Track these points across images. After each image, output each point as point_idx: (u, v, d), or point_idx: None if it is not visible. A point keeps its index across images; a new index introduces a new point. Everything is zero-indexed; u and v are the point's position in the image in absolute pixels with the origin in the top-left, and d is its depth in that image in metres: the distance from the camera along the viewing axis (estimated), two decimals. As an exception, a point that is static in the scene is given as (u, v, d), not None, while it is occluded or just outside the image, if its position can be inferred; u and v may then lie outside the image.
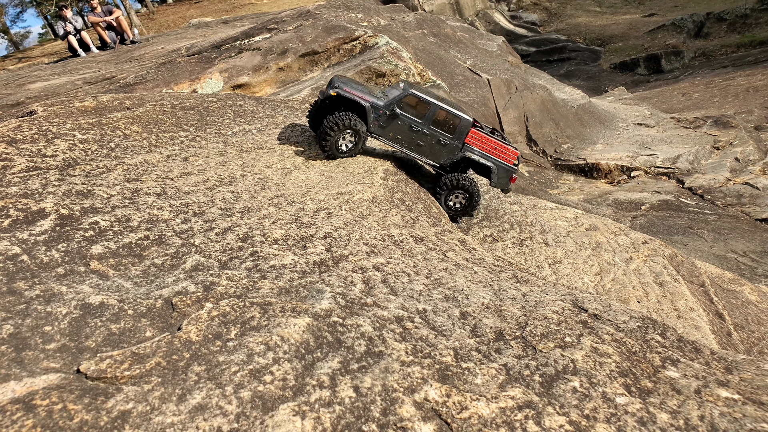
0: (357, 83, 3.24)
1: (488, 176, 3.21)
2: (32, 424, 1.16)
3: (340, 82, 3.08)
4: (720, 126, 6.54)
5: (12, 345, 1.41)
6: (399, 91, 3.17)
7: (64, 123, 2.94)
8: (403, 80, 3.41)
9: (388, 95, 3.17)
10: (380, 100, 3.10)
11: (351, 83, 3.15)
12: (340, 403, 1.32)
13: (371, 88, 3.35)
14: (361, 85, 3.24)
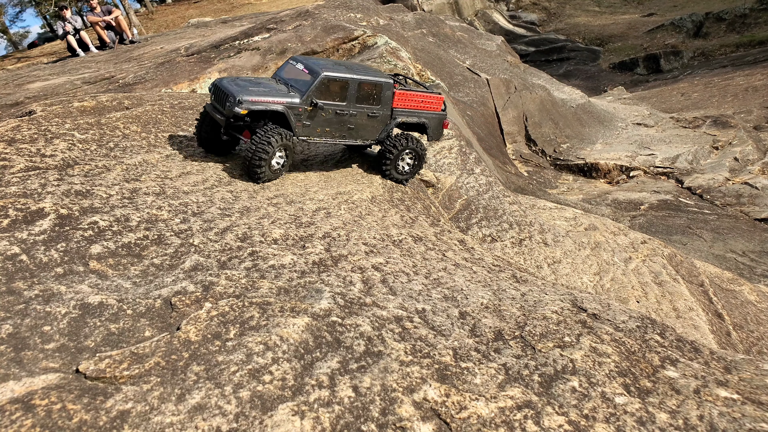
0: (248, 81, 2.72)
1: (424, 132, 3.04)
2: (31, 423, 1.16)
3: (239, 92, 2.53)
4: (719, 126, 6.55)
5: (11, 345, 1.41)
6: (303, 75, 2.71)
7: (63, 123, 2.94)
8: (294, 57, 2.91)
9: (292, 85, 2.71)
10: (292, 96, 2.63)
11: (246, 86, 2.61)
12: (339, 403, 1.32)
13: (265, 80, 2.81)
14: (256, 83, 2.71)
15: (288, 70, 2.86)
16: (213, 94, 2.70)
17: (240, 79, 2.75)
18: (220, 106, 2.63)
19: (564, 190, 5.44)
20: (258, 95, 2.59)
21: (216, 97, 2.68)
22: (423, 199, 3.27)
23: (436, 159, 3.90)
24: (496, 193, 3.72)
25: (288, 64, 2.90)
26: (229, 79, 2.75)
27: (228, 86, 2.62)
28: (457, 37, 7.63)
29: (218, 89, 2.66)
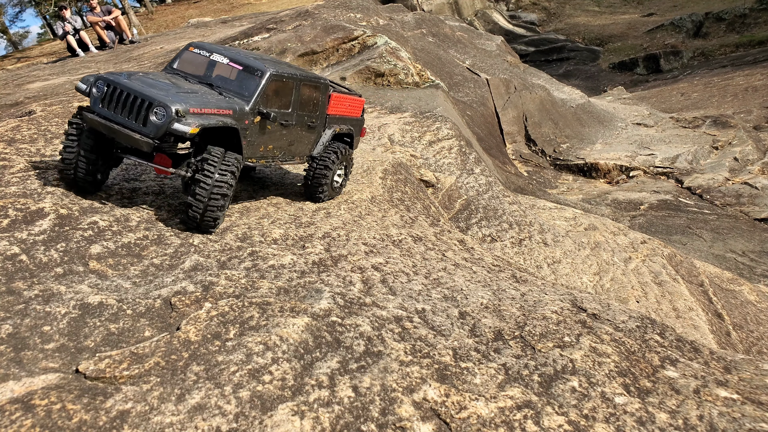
0: (154, 79, 1.94)
1: (350, 142, 2.55)
2: (31, 423, 1.16)
3: (170, 99, 1.78)
4: (719, 126, 6.55)
5: (11, 345, 1.41)
6: (232, 72, 2.05)
7: (63, 123, 2.94)
8: (198, 44, 2.19)
9: (218, 86, 2.04)
10: (235, 103, 1.96)
11: (168, 89, 1.87)
12: (339, 403, 1.32)
13: (166, 77, 2.05)
14: (169, 83, 1.96)
15: (193, 63, 2.12)
16: (105, 99, 1.81)
17: (142, 76, 1.94)
18: (129, 118, 1.78)
19: (564, 190, 5.44)
20: (199, 103, 1.82)
21: (115, 104, 1.80)
22: (423, 199, 3.27)
23: (436, 159, 3.90)
24: (496, 193, 3.72)
25: (190, 53, 2.13)
26: (126, 75, 1.90)
27: (140, 88, 1.78)
28: (457, 37, 7.64)
29: (118, 91, 1.80)
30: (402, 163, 3.58)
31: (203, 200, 1.91)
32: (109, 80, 1.89)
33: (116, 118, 1.86)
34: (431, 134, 4.13)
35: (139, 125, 1.82)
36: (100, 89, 1.89)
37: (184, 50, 2.29)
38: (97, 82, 1.91)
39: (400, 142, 4.03)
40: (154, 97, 1.81)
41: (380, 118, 4.49)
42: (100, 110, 1.89)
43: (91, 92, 1.91)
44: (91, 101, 1.92)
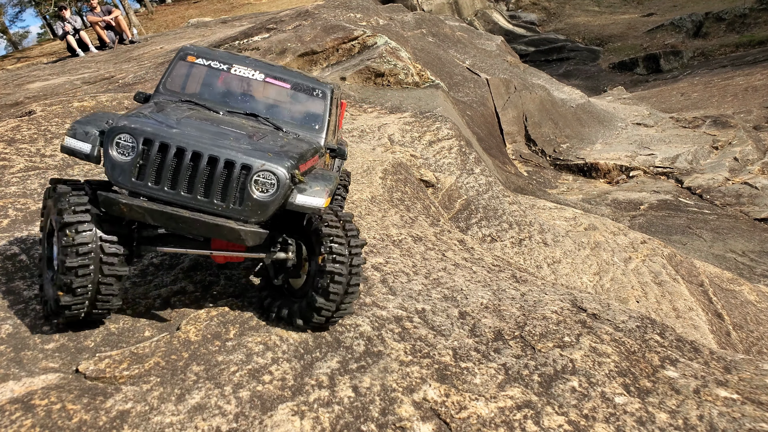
0: (201, 121, 1.35)
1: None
2: (31, 424, 1.16)
3: (257, 154, 1.24)
4: (719, 126, 6.56)
5: (11, 345, 1.41)
6: (299, 98, 1.51)
7: (62, 123, 2.94)
8: (199, 51, 1.55)
9: (278, 118, 1.50)
10: (307, 141, 1.46)
11: (240, 139, 1.30)
12: (339, 403, 1.32)
13: (208, 115, 1.43)
14: (214, 124, 1.36)
15: (200, 81, 1.51)
16: (147, 166, 1.19)
17: (164, 116, 1.31)
18: (209, 196, 1.20)
19: (564, 190, 5.45)
20: (298, 154, 1.31)
21: (171, 174, 1.19)
22: (423, 199, 3.27)
23: (436, 159, 3.90)
24: (496, 193, 3.72)
25: (192, 66, 1.49)
26: (157, 118, 1.29)
27: (209, 141, 1.21)
28: (457, 37, 7.64)
29: (173, 150, 1.19)
30: (402, 163, 3.55)
31: (338, 295, 1.29)
32: (145, 132, 1.16)
33: (178, 198, 1.19)
34: (431, 134, 4.13)
35: (231, 205, 1.20)
36: (127, 148, 1.17)
37: (177, 60, 1.51)
38: (120, 136, 1.16)
39: (400, 142, 4.02)
40: (248, 156, 1.19)
41: (380, 118, 4.48)
42: (141, 188, 1.17)
43: (109, 154, 1.18)
44: (113, 171, 1.17)
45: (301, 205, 1.30)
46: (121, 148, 1.23)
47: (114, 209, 1.21)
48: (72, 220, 1.21)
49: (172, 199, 1.24)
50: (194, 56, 1.61)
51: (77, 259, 1.20)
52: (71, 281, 1.21)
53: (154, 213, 1.21)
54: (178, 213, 1.20)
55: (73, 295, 1.23)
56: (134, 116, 1.32)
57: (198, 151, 1.23)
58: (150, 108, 1.42)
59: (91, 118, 1.35)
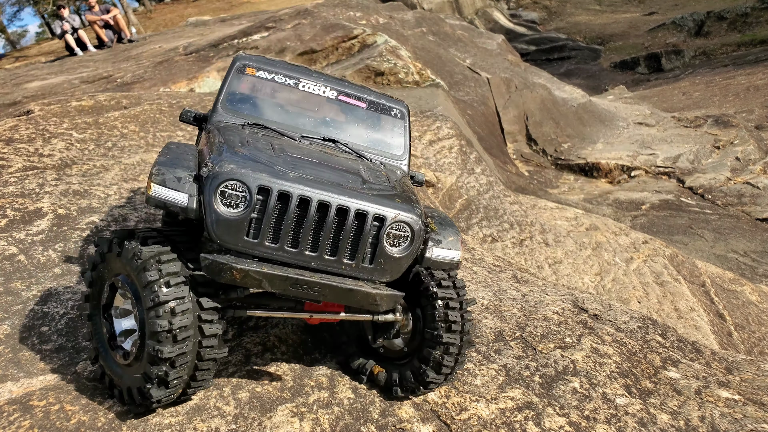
0: (298, 156, 1.16)
1: None
2: (29, 425, 1.15)
3: (387, 202, 1.07)
4: (720, 125, 6.53)
5: (9, 345, 1.40)
6: (376, 118, 1.34)
7: (61, 122, 2.92)
8: (259, 60, 1.31)
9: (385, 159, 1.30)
10: (398, 175, 1.30)
11: (351, 180, 1.11)
12: (339, 405, 1.31)
13: (287, 145, 1.21)
14: (305, 157, 1.17)
15: (263, 100, 1.30)
16: (265, 219, 0.99)
17: (274, 155, 1.10)
18: (337, 254, 1.04)
19: (565, 190, 5.43)
20: (417, 199, 1.15)
21: (293, 228, 1.01)
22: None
23: (437, 159, 3.88)
24: (497, 193, 3.70)
25: (253, 79, 1.29)
26: (257, 156, 1.07)
27: (348, 187, 1.04)
28: (458, 36, 7.61)
29: (294, 199, 1.00)
30: (402, 162, 3.57)
31: (450, 367, 1.16)
32: (259, 179, 0.94)
33: (300, 259, 1.00)
34: (431, 133, 4.11)
35: (361, 264, 1.03)
36: (237, 199, 0.95)
37: (235, 73, 1.27)
38: (228, 184, 0.93)
39: (401, 142, 4.02)
40: (379, 204, 1.02)
41: (380, 117, 4.47)
42: (255, 248, 0.97)
43: (213, 207, 0.94)
44: (217, 227, 0.95)
45: (439, 260, 1.13)
46: (228, 198, 0.98)
47: (224, 276, 0.93)
48: (167, 297, 0.93)
49: (291, 260, 1.01)
50: (254, 68, 1.36)
51: (175, 347, 0.94)
52: (166, 373, 0.96)
53: (275, 279, 0.95)
54: (305, 278, 0.97)
55: (167, 387, 0.99)
56: (229, 154, 1.03)
57: (325, 200, 1.00)
58: (231, 138, 1.13)
59: (174, 158, 1.06)
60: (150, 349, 0.96)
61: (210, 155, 1.08)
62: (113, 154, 2.71)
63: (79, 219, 2.03)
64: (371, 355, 1.30)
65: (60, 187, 2.22)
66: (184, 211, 1.04)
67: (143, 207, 2.26)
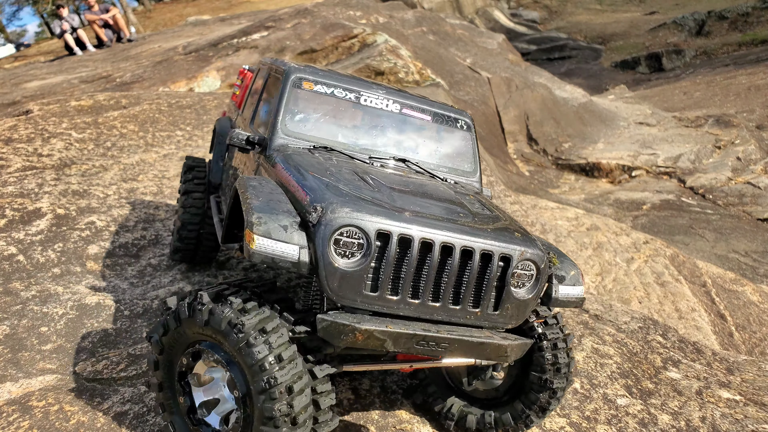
0: (375, 184, 1.01)
1: None
2: (29, 425, 1.15)
3: (507, 238, 0.93)
4: (721, 125, 6.51)
5: (8, 346, 1.40)
6: (444, 131, 1.25)
7: (60, 122, 2.92)
8: (314, 73, 1.19)
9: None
10: (471, 198, 1.15)
11: (448, 211, 0.97)
12: (339, 405, 1.30)
13: (358, 169, 1.09)
14: (384, 183, 1.04)
15: (345, 112, 1.22)
16: (387, 269, 0.85)
17: (377, 188, 0.98)
18: (460, 303, 0.93)
19: (566, 190, 5.42)
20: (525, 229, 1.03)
21: (415, 277, 0.89)
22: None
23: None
24: (498, 193, 3.70)
25: (311, 95, 1.17)
26: (359, 191, 0.95)
27: (465, 224, 0.93)
28: (458, 35, 7.59)
29: (417, 242, 0.86)
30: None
31: (553, 409, 1.10)
32: (378, 222, 0.84)
33: (422, 311, 0.91)
34: (432, 133, 4.09)
35: (486, 311, 0.94)
36: (353, 247, 0.85)
37: (291, 89, 1.15)
38: (342, 230, 0.83)
39: (401, 141, 4.01)
40: (501, 242, 0.93)
41: (380, 116, 4.46)
42: (374, 302, 0.87)
43: (327, 258, 0.84)
44: (332, 281, 0.84)
45: (565, 299, 1.00)
46: (343, 246, 0.86)
47: (344, 339, 0.83)
48: (283, 378, 0.80)
49: (412, 312, 0.90)
50: (311, 82, 1.21)
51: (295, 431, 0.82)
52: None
53: (401, 338, 0.85)
54: (433, 334, 0.86)
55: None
56: (333, 193, 0.90)
57: (449, 242, 0.88)
58: (314, 169, 0.99)
59: (270, 200, 0.89)
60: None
61: (306, 193, 0.91)
62: (112, 153, 2.70)
63: (79, 219, 2.03)
64: (456, 395, 1.17)
65: (59, 187, 2.22)
66: (295, 267, 0.86)
67: (142, 207, 2.25)
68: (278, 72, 1.31)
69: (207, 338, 0.89)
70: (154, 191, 2.44)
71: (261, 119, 1.33)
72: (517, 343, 0.94)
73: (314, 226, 0.87)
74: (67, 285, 1.68)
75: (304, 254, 0.87)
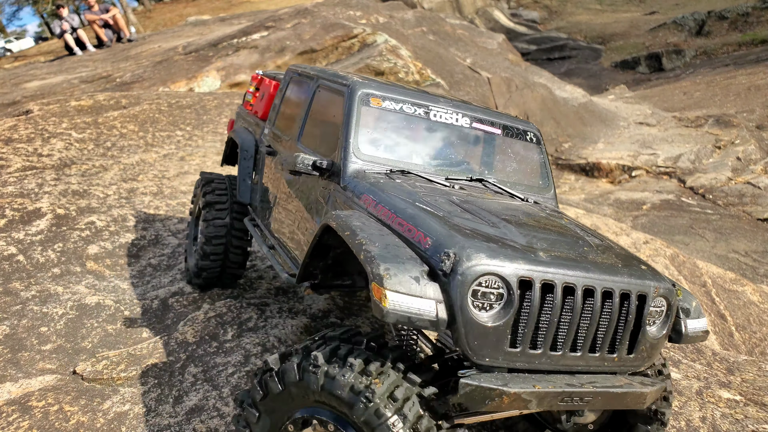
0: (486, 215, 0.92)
1: None
2: (28, 425, 1.15)
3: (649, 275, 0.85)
4: (721, 125, 6.52)
5: (8, 346, 1.40)
6: (514, 146, 1.20)
7: (60, 122, 2.92)
8: (381, 88, 1.11)
9: (507, 182, 1.18)
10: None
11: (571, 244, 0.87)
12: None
13: (451, 195, 0.99)
14: (488, 211, 0.95)
15: (416, 130, 1.15)
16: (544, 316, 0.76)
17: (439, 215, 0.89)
18: (603, 349, 0.85)
19: (566, 190, 5.42)
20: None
21: (571, 321, 0.78)
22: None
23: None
24: (497, 193, 3.69)
25: (381, 113, 1.09)
26: (483, 228, 0.86)
27: (596, 260, 0.84)
28: (458, 35, 7.59)
29: (579, 287, 0.77)
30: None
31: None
32: (520, 269, 0.77)
33: (562, 363, 0.84)
34: (432, 133, 4.10)
35: (623, 355, 0.88)
36: (491, 298, 0.77)
37: (359, 107, 1.07)
38: (482, 280, 0.75)
39: (401, 141, 4.01)
40: (634, 278, 0.86)
41: (380, 116, 4.46)
42: (514, 358, 0.79)
43: (466, 312, 0.76)
44: (470, 338, 0.76)
45: (694, 334, 0.93)
46: (481, 298, 0.77)
47: (490, 403, 0.75)
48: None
49: (551, 366, 0.82)
50: (379, 98, 1.12)
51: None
52: None
53: (547, 397, 0.77)
54: (577, 389, 0.79)
55: None
56: (463, 236, 0.80)
57: (589, 284, 0.81)
58: (416, 200, 0.90)
59: (388, 245, 0.80)
60: None
61: (425, 235, 0.81)
62: (112, 153, 2.70)
63: (78, 219, 2.03)
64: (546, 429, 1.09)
65: (59, 187, 2.22)
66: (434, 325, 0.75)
67: (142, 207, 2.25)
68: (335, 85, 1.19)
69: (320, 405, 0.79)
70: (154, 191, 2.44)
71: (319, 139, 1.18)
72: (655, 389, 0.85)
73: (447, 276, 0.76)
74: (67, 285, 1.68)
75: (441, 310, 0.76)
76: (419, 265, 0.79)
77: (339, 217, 0.91)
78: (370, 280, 0.77)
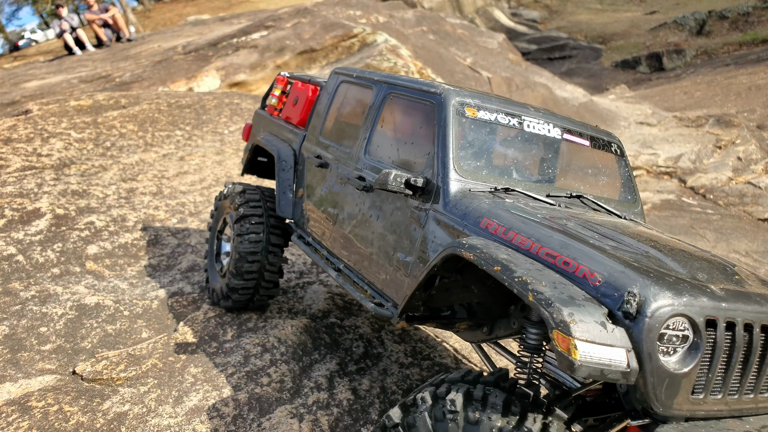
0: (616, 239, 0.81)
1: None
2: (28, 425, 1.15)
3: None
4: (722, 125, 6.51)
5: (7, 346, 1.40)
6: (605, 160, 1.15)
7: (59, 122, 2.91)
8: (482, 98, 1.01)
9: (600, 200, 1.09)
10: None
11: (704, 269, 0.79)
12: (338, 406, 1.31)
13: (572, 218, 0.90)
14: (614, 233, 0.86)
15: (512, 142, 1.09)
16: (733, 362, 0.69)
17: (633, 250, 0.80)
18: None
19: (565, 190, 5.38)
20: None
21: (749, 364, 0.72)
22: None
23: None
24: (497, 193, 3.69)
25: (478, 124, 1.01)
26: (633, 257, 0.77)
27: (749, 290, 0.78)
28: (458, 35, 7.58)
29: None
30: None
31: None
32: (705, 308, 0.70)
33: (739, 408, 0.78)
34: (432, 133, 4.10)
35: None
36: (676, 341, 0.71)
37: (457, 118, 0.99)
38: (671, 322, 0.69)
39: (401, 141, 4.02)
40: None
41: (380, 116, 4.48)
42: (698, 406, 0.72)
43: (654, 360, 0.68)
44: (663, 389, 0.68)
45: None
46: (666, 342, 0.70)
47: None
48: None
49: (728, 412, 0.75)
50: (474, 108, 1.02)
51: None
52: None
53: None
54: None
55: None
56: (629, 268, 0.72)
57: (766, 321, 0.76)
58: (539, 223, 0.83)
59: (554, 285, 0.72)
60: None
61: (590, 269, 0.72)
62: (112, 153, 2.70)
63: (78, 219, 2.03)
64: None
65: (58, 187, 2.22)
66: (625, 377, 0.66)
67: (142, 207, 2.25)
68: (415, 93, 1.07)
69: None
70: (154, 191, 2.43)
71: (396, 152, 1.05)
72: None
73: (632, 319, 0.68)
74: (67, 285, 1.67)
75: (632, 359, 0.67)
76: (599, 307, 0.70)
77: (475, 247, 0.79)
78: (550, 327, 0.66)
